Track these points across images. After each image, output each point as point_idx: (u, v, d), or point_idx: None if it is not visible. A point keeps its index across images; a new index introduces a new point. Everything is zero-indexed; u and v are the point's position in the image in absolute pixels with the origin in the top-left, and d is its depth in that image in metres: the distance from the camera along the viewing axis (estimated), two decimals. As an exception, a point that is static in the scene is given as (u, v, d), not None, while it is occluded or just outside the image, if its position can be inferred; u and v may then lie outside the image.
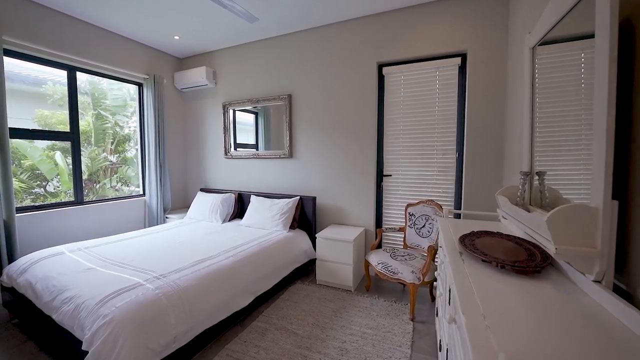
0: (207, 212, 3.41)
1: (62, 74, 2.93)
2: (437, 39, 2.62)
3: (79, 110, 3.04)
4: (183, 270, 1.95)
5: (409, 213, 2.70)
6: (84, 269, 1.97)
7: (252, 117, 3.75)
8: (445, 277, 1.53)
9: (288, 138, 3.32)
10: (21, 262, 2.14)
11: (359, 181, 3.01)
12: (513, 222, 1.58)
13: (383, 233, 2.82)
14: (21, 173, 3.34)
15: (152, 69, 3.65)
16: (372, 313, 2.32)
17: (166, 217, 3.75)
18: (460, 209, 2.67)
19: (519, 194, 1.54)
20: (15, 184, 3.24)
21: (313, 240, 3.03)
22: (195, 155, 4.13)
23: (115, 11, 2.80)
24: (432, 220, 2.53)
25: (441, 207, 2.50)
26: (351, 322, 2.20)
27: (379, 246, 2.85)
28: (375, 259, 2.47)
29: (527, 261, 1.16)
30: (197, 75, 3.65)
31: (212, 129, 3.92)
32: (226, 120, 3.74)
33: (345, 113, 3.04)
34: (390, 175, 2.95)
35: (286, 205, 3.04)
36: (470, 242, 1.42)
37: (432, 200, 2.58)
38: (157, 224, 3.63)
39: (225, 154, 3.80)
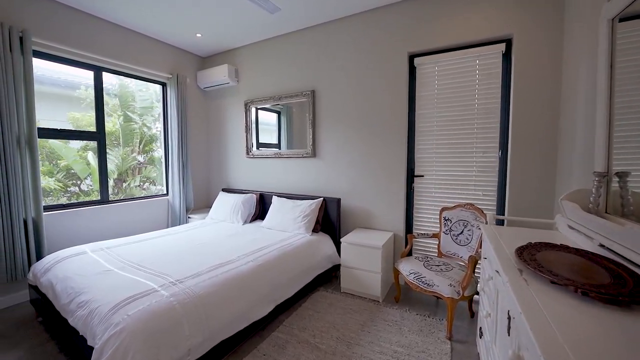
0: (229, 213, 3.33)
1: (92, 76, 2.97)
2: (478, 23, 2.34)
3: (110, 112, 3.07)
4: (200, 275, 1.84)
5: (444, 218, 2.43)
6: (102, 270, 1.92)
7: (274, 116, 3.64)
8: (495, 296, 1.29)
9: (311, 136, 3.15)
10: (46, 260, 2.14)
11: (388, 182, 2.79)
12: (578, 234, 1.31)
13: (414, 239, 2.58)
14: (57, 172, 3.47)
15: (176, 69, 3.64)
16: (403, 328, 2.09)
17: (188, 217, 3.73)
18: (503, 214, 2.37)
19: (591, 199, 1.27)
20: (52, 183, 3.37)
21: (337, 244, 2.85)
22: (217, 154, 4.09)
23: (139, 10, 2.79)
24: (472, 226, 2.25)
25: (482, 212, 2.22)
26: (380, 337, 1.98)
27: (410, 253, 2.61)
28: (407, 268, 2.24)
29: (615, 286, 0.90)
30: (219, 74, 3.59)
31: (234, 128, 3.86)
32: (248, 119, 3.65)
33: (372, 109, 2.82)
34: (422, 176, 2.70)
35: (309, 207, 2.88)
36: (531, 257, 1.17)
37: (471, 204, 2.31)
38: (180, 224, 3.61)
39: (247, 153, 3.71)
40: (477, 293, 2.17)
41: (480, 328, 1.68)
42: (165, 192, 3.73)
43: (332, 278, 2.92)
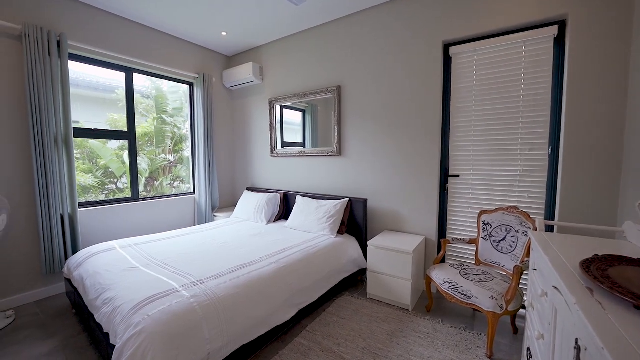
0: (252, 212, 3.30)
1: (123, 78, 3.07)
2: (525, 3, 2.08)
3: (144, 114, 3.16)
4: (222, 276, 1.79)
5: (484, 222, 2.21)
6: (128, 267, 1.94)
7: (299, 115, 3.56)
8: (552, 316, 1.09)
9: (336, 134, 3.03)
10: (79, 255, 2.21)
11: (419, 182, 2.60)
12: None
13: (448, 245, 2.37)
14: (96, 170, 3.66)
15: (202, 68, 3.68)
16: (436, 342, 1.91)
17: (214, 216, 3.76)
18: (552, 219, 2.10)
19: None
20: (92, 180, 3.56)
21: (363, 247, 2.70)
22: (242, 153, 4.10)
23: (167, 11, 2.83)
24: (517, 232, 2.01)
25: (529, 216, 1.97)
26: (410, 351, 1.82)
27: (443, 260, 2.41)
28: (441, 276, 2.05)
29: None
30: (244, 72, 3.58)
31: (258, 127, 3.83)
32: (272, 117, 3.61)
33: (402, 104, 2.64)
34: (458, 176, 2.48)
35: (334, 208, 2.76)
36: (602, 273, 0.97)
37: (515, 208, 2.06)
38: (206, 222, 3.65)
39: (272, 152, 3.67)
40: (523, 307, 1.95)
41: (529, 349, 1.47)
42: (192, 190, 3.79)
43: (358, 282, 2.78)
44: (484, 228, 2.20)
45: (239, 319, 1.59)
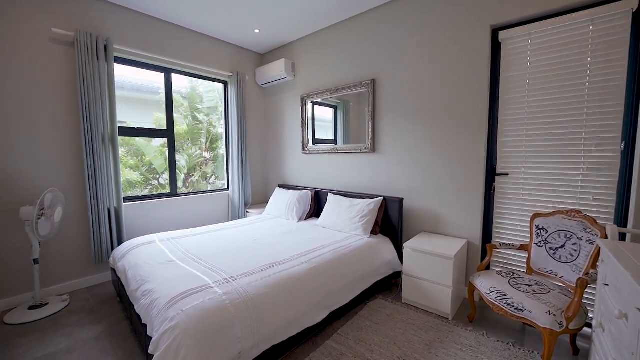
0: (284, 209, 3.29)
1: (163, 78, 3.20)
2: (594, -23, 1.81)
3: (184, 114, 3.29)
4: (253, 274, 1.77)
5: (537, 226, 1.97)
6: (166, 260, 2.00)
7: (330, 112, 3.48)
8: (635, 343, 0.91)
9: (370, 130, 2.90)
10: (123, 247, 2.34)
11: (462, 181, 2.39)
12: None
13: (495, 250, 2.15)
14: (142, 167, 3.90)
15: (236, 67, 3.73)
16: (481, 357, 1.73)
17: (247, 212, 3.82)
18: (624, 225, 1.81)
19: None
20: (137, 176, 3.81)
21: (398, 249, 2.56)
22: (274, 150, 4.12)
23: (203, 11, 2.88)
24: (579, 239, 1.76)
25: (596, 221, 1.71)
26: (451, 365, 1.67)
27: (487, 267, 2.20)
28: (486, 285, 1.86)
29: None
30: (276, 69, 3.57)
31: (290, 123, 3.82)
32: (304, 114, 3.56)
33: (443, 96, 2.45)
34: (507, 174, 2.24)
35: (367, 207, 2.65)
36: None
37: (577, 211, 1.81)
38: (239, 218, 3.72)
39: (303, 149, 3.63)
40: (587, 325, 1.71)
41: (597, 377, 1.27)
42: (226, 187, 3.88)
43: (392, 286, 2.65)
44: (537, 233, 1.97)
45: (270, 318, 1.56)
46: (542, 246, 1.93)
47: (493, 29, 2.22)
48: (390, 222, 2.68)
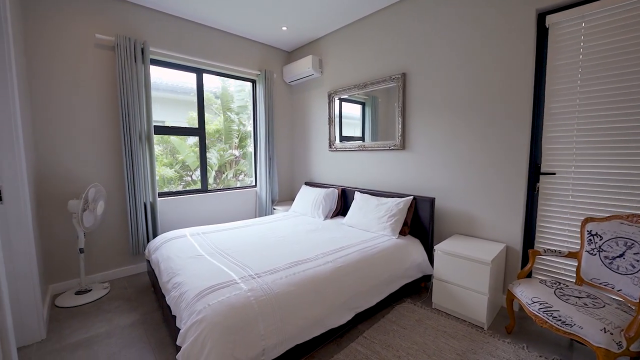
0: (310, 207, 3.28)
1: (196, 78, 3.31)
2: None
3: (217, 112, 3.39)
4: (278, 271, 1.76)
5: (590, 232, 1.76)
6: (195, 254, 2.06)
7: (358, 108, 3.39)
8: None
9: (400, 126, 2.79)
10: (157, 240, 2.45)
11: (500, 180, 2.21)
12: None
13: (538, 256, 1.96)
14: (176, 164, 4.10)
15: (263, 65, 3.77)
16: (520, 373, 1.59)
17: (273, 209, 3.86)
18: (700, 233, 1.56)
19: None
20: (172, 172, 4.01)
21: (429, 251, 2.44)
22: (301, 148, 4.12)
23: (233, 11, 2.93)
24: (643, 248, 1.54)
25: (664, 228, 1.49)
26: (487, 379, 1.55)
27: (529, 274, 2.01)
28: (528, 294, 1.70)
29: None
30: (303, 66, 3.55)
31: (317, 121, 3.79)
32: (331, 111, 3.52)
33: (480, 88, 2.28)
34: (553, 174, 2.03)
35: (396, 206, 2.54)
36: None
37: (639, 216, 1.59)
38: (266, 215, 3.77)
39: (330, 146, 3.59)
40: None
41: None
42: (254, 184, 3.95)
43: (421, 289, 2.53)
44: (590, 240, 1.76)
45: (294, 317, 1.54)
46: (595, 254, 1.73)
47: (539, 13, 2.01)
48: (421, 223, 2.55)
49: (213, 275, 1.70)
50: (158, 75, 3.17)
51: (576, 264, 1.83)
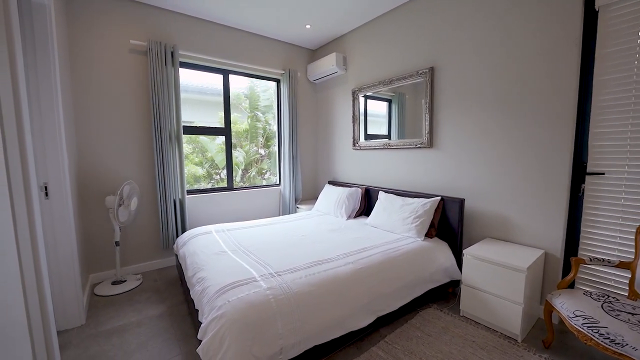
0: (333, 206, 3.24)
1: (222, 79, 3.40)
2: None
3: (243, 112, 3.47)
4: (298, 271, 1.75)
5: (647, 240, 1.56)
6: (219, 251, 2.11)
7: (384, 105, 3.29)
8: None
9: (427, 123, 2.66)
10: (185, 235, 2.55)
11: (538, 180, 2.03)
12: None
13: (582, 265, 1.77)
14: (205, 163, 4.25)
15: (288, 64, 3.79)
16: (559, 393, 1.44)
17: (297, 207, 3.88)
18: None
19: None
20: (202, 171, 4.17)
21: (457, 255, 2.31)
22: (325, 146, 4.09)
23: (257, 12, 2.96)
24: None
25: None
26: (520, 397, 1.42)
27: (572, 284, 1.83)
28: (570, 307, 1.54)
29: None
30: (327, 64, 3.52)
31: (341, 119, 3.74)
32: (355, 109, 3.45)
33: (516, 80, 2.10)
34: (602, 174, 1.83)
35: (422, 207, 2.43)
36: None
37: None
38: (289, 213, 3.79)
39: (354, 145, 3.53)
40: None
41: None
42: (277, 182, 3.99)
43: (449, 295, 2.40)
44: (647, 248, 1.56)
45: (312, 318, 1.52)
46: (653, 265, 1.53)
47: (588, -5, 1.81)
48: (449, 225, 2.42)
49: (234, 272, 1.73)
50: (188, 77, 3.29)
51: (629, 276, 1.63)
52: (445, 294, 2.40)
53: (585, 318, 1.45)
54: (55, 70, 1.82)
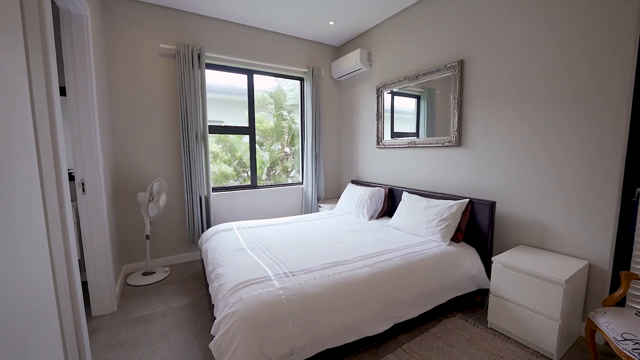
0: (354, 206, 3.18)
1: (249, 80, 3.46)
2: None
3: (270, 111, 3.53)
4: (312, 272, 1.73)
5: None
6: (238, 247, 2.15)
7: (412, 102, 3.15)
8: None
9: (456, 119, 2.50)
10: (209, 231, 2.63)
11: (582, 184, 1.82)
12: None
13: (634, 281, 1.56)
14: (234, 161, 4.39)
15: (311, 62, 3.77)
16: None
17: (319, 206, 3.86)
18: None
19: None
20: (230, 169, 4.30)
21: (486, 262, 2.15)
22: (348, 145, 4.02)
23: (281, 11, 2.97)
24: None
25: None
26: None
27: (622, 302, 1.61)
28: (616, 327, 1.36)
29: None
30: (351, 60, 3.44)
31: (364, 116, 3.65)
32: (380, 106, 3.34)
33: (557, 73, 1.89)
34: (662, 177, 1.59)
35: (448, 209, 2.29)
36: None
37: None
38: (311, 212, 3.78)
39: (377, 143, 3.42)
40: None
41: None
42: (300, 181, 3.99)
43: (476, 305, 2.24)
44: None
45: (324, 321, 1.48)
46: None
47: (647, -29, 1.58)
48: (478, 229, 2.26)
49: (250, 270, 1.74)
50: (215, 78, 3.40)
51: (694, 296, 1.40)
52: (472, 303, 2.25)
53: (637, 343, 1.26)
54: (91, 74, 1.96)
